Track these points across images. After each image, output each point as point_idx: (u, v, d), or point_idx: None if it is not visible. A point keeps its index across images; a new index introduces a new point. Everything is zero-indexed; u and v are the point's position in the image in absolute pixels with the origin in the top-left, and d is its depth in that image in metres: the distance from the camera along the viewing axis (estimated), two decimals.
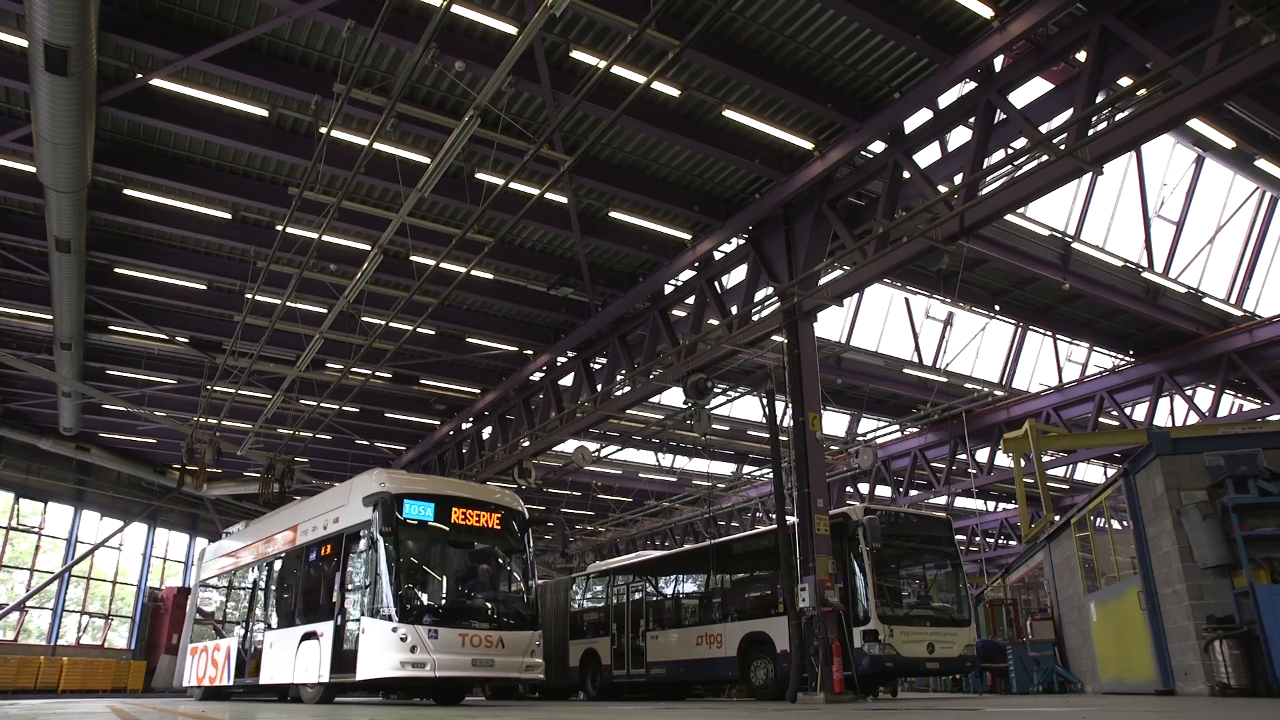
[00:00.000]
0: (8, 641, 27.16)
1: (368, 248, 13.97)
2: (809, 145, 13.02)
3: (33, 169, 12.19)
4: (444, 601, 11.53)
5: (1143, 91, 10.33)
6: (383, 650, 10.54)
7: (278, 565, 14.53)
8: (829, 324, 22.66)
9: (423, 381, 22.04)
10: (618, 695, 17.54)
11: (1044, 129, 11.30)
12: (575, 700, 18.82)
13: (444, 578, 11.86)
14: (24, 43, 10.13)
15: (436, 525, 11.71)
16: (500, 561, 12.44)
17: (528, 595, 12.34)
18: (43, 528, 28.77)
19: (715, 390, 16.44)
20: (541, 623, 13.07)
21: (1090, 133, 10.20)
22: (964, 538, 34.31)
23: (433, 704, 13.45)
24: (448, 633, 10.78)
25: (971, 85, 11.77)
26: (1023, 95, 11.81)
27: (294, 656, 12.46)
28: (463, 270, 13.40)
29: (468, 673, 11.00)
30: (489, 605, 11.84)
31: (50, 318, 17.07)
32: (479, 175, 13.31)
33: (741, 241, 15.35)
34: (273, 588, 14.62)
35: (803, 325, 13.71)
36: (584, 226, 15.01)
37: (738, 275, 16.40)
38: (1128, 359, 21.92)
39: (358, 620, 11.07)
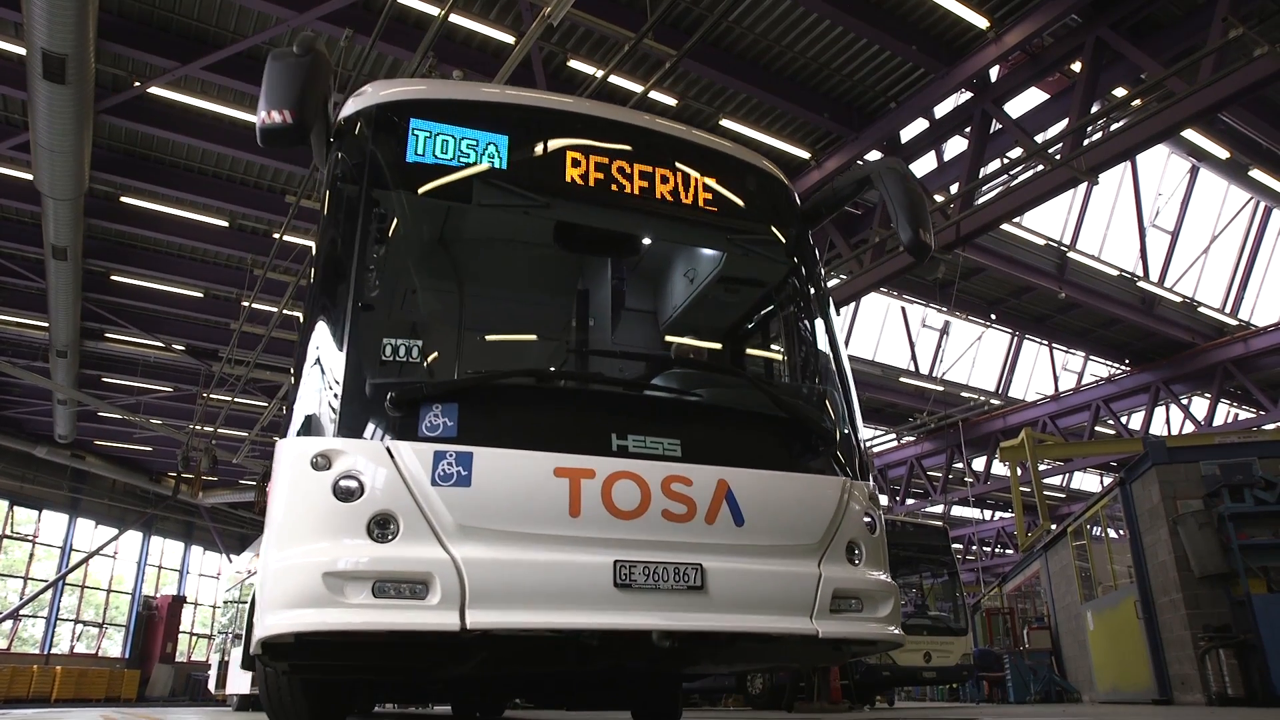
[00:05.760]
0: (1, 650, 27.00)
1: None
2: (806, 154, 13.05)
3: (30, 177, 12.18)
4: (504, 371, 3.52)
5: (1137, 102, 10.40)
6: (288, 543, 3.04)
7: None
8: None
9: None
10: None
11: (1039, 139, 11.36)
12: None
13: (513, 304, 4.50)
14: (22, 51, 10.14)
15: (530, 187, 3.87)
16: (738, 278, 4.69)
17: (829, 380, 4.23)
18: (37, 536, 28.65)
19: None
20: None
21: (1085, 143, 10.27)
22: (960, 546, 34.29)
23: None
24: (516, 462, 3.16)
25: (967, 95, 11.83)
26: (1018, 105, 11.91)
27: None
28: None
29: (626, 619, 3.09)
30: (687, 379, 3.98)
31: (46, 325, 17.02)
32: None
33: None
34: None
35: None
36: None
37: None
38: (1123, 368, 21.97)
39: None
